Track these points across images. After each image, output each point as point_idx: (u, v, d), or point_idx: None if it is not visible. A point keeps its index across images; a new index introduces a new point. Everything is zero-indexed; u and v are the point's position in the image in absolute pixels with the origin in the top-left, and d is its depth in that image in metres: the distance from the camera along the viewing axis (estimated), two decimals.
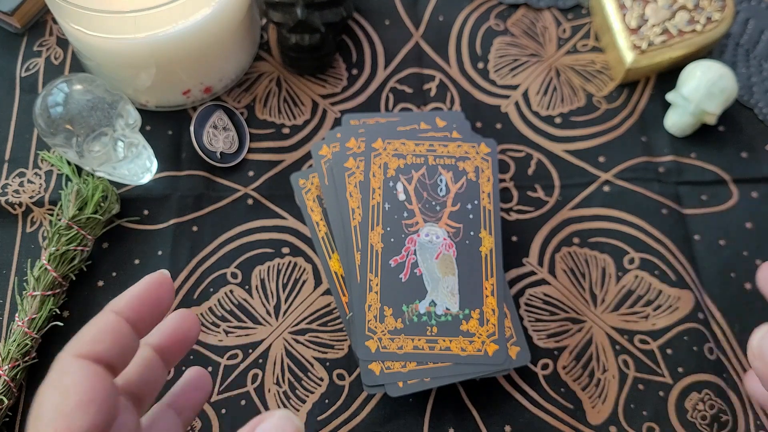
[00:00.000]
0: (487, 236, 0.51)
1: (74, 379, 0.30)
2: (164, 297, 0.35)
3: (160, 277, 0.35)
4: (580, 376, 0.52)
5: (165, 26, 0.51)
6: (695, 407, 0.50)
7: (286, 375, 0.51)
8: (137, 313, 0.33)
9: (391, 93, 0.62)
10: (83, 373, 0.30)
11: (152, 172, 0.57)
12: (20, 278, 0.54)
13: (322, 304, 0.54)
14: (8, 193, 0.56)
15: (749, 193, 0.58)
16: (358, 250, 0.50)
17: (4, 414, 0.48)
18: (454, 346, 0.47)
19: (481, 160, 0.54)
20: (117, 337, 0.32)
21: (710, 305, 0.54)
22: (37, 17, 0.64)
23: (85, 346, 0.31)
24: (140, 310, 0.33)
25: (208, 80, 0.58)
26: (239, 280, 0.54)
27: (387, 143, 0.53)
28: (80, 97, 0.51)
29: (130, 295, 0.33)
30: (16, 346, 0.49)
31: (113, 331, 0.32)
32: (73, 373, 0.30)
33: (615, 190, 0.58)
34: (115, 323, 0.32)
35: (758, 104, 0.60)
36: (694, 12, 0.60)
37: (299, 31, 0.57)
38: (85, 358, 0.31)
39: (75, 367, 0.30)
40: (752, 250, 0.56)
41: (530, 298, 0.54)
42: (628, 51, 0.59)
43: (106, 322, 0.32)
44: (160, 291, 0.34)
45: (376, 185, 0.52)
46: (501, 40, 0.64)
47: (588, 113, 0.61)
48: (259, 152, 0.59)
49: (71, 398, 0.29)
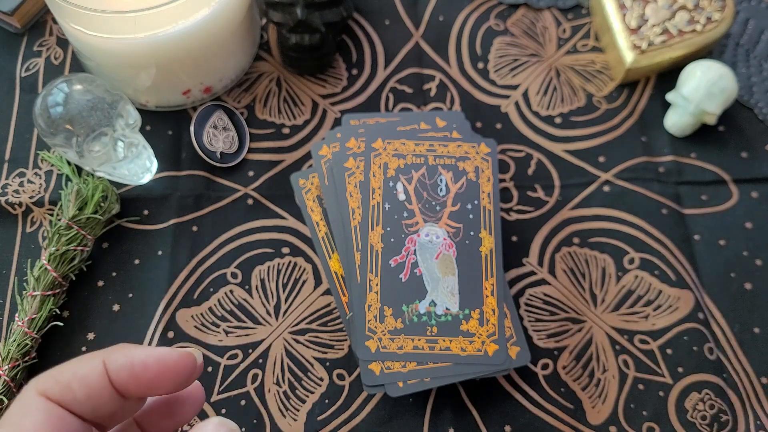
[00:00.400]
0: (487, 236, 0.51)
1: (34, 423, 0.27)
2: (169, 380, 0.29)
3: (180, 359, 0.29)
4: (580, 376, 0.52)
5: (165, 26, 0.51)
6: (695, 407, 0.50)
7: (286, 375, 0.51)
8: (128, 381, 0.28)
9: (391, 93, 0.62)
10: (47, 418, 0.27)
11: (152, 172, 0.57)
12: (20, 278, 0.54)
13: (322, 304, 0.54)
14: (8, 193, 0.56)
15: (749, 193, 0.58)
16: (358, 250, 0.50)
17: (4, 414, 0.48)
18: (454, 346, 0.47)
19: (481, 160, 0.54)
20: (92, 392, 0.28)
21: (710, 305, 0.54)
22: (37, 17, 0.64)
23: (56, 389, 0.28)
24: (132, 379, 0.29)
25: (208, 80, 0.58)
26: (239, 280, 0.54)
27: (387, 143, 0.53)
28: (80, 97, 0.51)
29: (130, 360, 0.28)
30: (16, 346, 0.49)
31: (90, 386, 0.28)
32: (35, 413, 0.27)
33: (615, 190, 0.58)
34: (98, 379, 0.28)
35: (758, 104, 0.60)
36: (694, 12, 0.60)
37: (299, 31, 0.57)
38: (51, 401, 0.27)
39: (37, 407, 0.27)
40: (752, 250, 0.56)
41: (530, 298, 0.54)
42: (628, 51, 0.59)
43: (89, 371, 0.28)
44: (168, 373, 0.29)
45: (376, 185, 0.52)
46: (501, 40, 0.64)
47: (588, 113, 0.61)
48: (259, 152, 0.59)
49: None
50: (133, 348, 0.29)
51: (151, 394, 0.29)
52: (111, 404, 0.28)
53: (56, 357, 0.51)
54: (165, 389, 0.29)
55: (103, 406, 0.28)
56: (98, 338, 0.52)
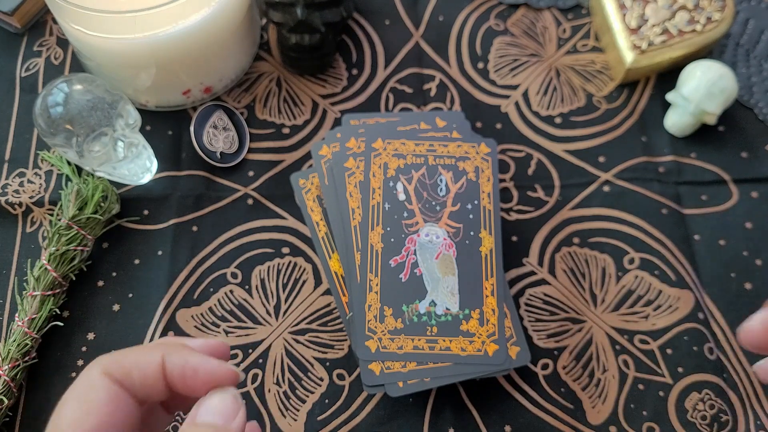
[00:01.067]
0: (487, 236, 0.51)
1: (99, 397, 0.31)
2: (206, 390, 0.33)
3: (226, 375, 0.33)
4: (580, 376, 0.52)
5: (165, 26, 0.51)
6: (695, 407, 0.50)
7: (286, 375, 0.51)
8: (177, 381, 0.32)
9: (391, 93, 0.61)
10: (109, 395, 0.31)
11: (152, 172, 0.57)
12: (20, 278, 0.54)
13: (322, 304, 0.54)
14: (8, 193, 0.56)
15: (749, 193, 0.58)
16: (358, 250, 0.50)
17: (4, 414, 0.48)
18: (454, 346, 0.47)
19: (481, 160, 0.54)
20: (147, 383, 0.32)
21: (710, 305, 0.54)
22: (37, 17, 0.64)
23: (119, 372, 0.31)
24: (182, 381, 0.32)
25: (208, 80, 0.58)
26: (239, 280, 0.54)
27: (387, 143, 0.53)
28: (80, 97, 0.51)
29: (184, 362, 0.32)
30: (16, 346, 0.49)
31: (147, 377, 0.32)
32: (99, 391, 0.31)
33: (615, 190, 0.58)
34: (154, 372, 0.32)
35: (758, 104, 0.60)
36: (694, 12, 0.60)
37: (299, 31, 0.57)
38: (114, 382, 0.31)
39: (102, 385, 0.31)
40: (752, 250, 0.56)
41: (530, 298, 0.54)
42: (628, 51, 0.59)
43: (148, 363, 0.32)
44: (209, 385, 0.33)
45: (376, 185, 0.52)
46: (501, 40, 0.64)
47: (588, 113, 0.61)
48: (259, 152, 0.59)
49: (92, 418, 0.30)
50: (190, 353, 0.33)
51: (194, 395, 0.33)
52: (160, 395, 0.32)
53: (56, 357, 0.51)
54: (206, 392, 0.33)
55: (154, 396, 0.32)
56: (98, 338, 0.52)
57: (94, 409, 0.30)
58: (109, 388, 0.31)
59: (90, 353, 0.52)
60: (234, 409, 0.32)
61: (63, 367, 0.51)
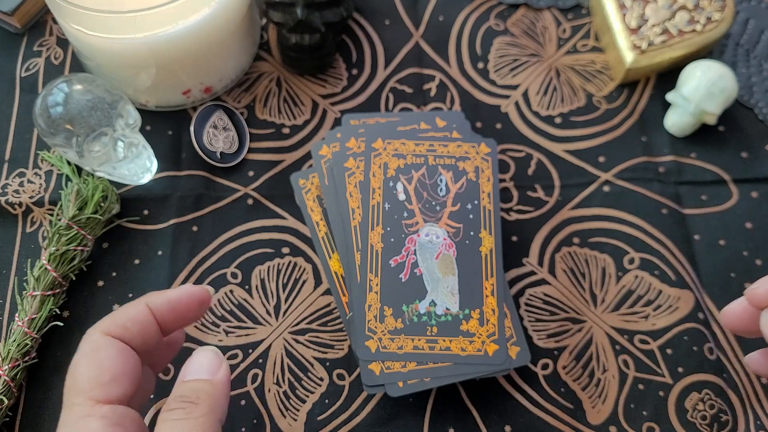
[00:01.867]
0: (487, 236, 0.51)
1: (108, 354, 0.34)
2: (196, 312, 0.39)
3: (203, 294, 0.39)
4: (580, 376, 0.52)
5: (165, 26, 0.51)
6: (695, 407, 0.50)
7: (286, 375, 0.51)
8: (167, 315, 0.37)
9: (391, 93, 0.62)
10: (115, 349, 0.35)
11: (152, 172, 0.57)
12: (20, 278, 0.54)
13: (322, 304, 0.54)
14: (8, 193, 0.56)
15: (749, 193, 0.58)
16: (358, 250, 0.50)
17: (4, 414, 0.48)
18: (454, 346, 0.47)
19: (481, 160, 0.54)
20: (143, 328, 0.36)
21: (710, 305, 0.54)
22: (37, 17, 0.64)
23: (116, 329, 0.35)
24: (171, 314, 0.37)
25: (208, 80, 0.58)
26: (239, 280, 0.54)
27: (387, 143, 0.53)
28: (80, 97, 0.51)
29: (167, 297, 0.37)
30: (16, 346, 0.49)
31: (141, 323, 0.36)
32: (106, 348, 0.34)
33: (615, 190, 0.58)
34: (146, 317, 0.36)
35: (758, 104, 0.60)
36: (694, 12, 0.60)
37: (299, 31, 0.57)
38: (116, 338, 0.35)
39: (107, 343, 0.35)
40: (752, 250, 0.56)
41: (530, 298, 0.54)
42: (628, 51, 0.59)
43: (137, 311, 0.36)
44: (196, 306, 0.38)
45: (376, 185, 0.52)
46: (501, 40, 0.64)
47: (588, 113, 0.61)
48: (259, 152, 0.59)
49: (107, 371, 0.34)
50: (166, 291, 0.38)
51: (183, 324, 0.39)
52: (155, 338, 0.37)
53: (56, 357, 0.51)
54: (193, 318, 0.39)
55: (150, 340, 0.37)
56: None
57: (107, 365, 0.34)
58: (113, 343, 0.35)
59: None
60: (216, 363, 0.36)
61: (63, 367, 0.51)
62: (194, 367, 0.36)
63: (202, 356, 0.36)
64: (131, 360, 0.35)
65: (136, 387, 0.35)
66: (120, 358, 0.34)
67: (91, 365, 0.34)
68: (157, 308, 0.37)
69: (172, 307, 0.37)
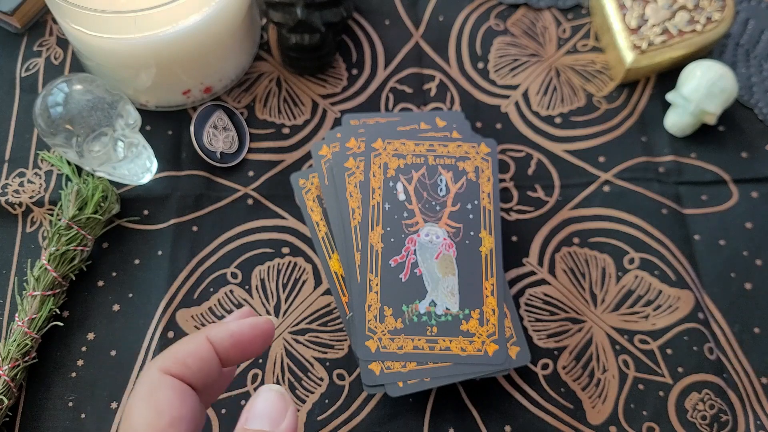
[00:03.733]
0: (487, 236, 0.51)
1: (167, 397, 0.32)
2: (260, 346, 0.36)
3: (267, 325, 0.36)
4: (580, 376, 0.52)
5: (165, 26, 0.51)
6: (695, 407, 0.50)
7: (286, 375, 0.51)
8: (230, 350, 0.35)
9: (391, 93, 0.62)
10: (175, 392, 0.32)
11: (152, 172, 0.57)
12: (20, 278, 0.54)
13: (322, 304, 0.54)
14: (8, 193, 0.56)
15: (749, 193, 0.58)
16: (358, 250, 0.50)
17: (4, 414, 0.48)
18: (454, 346, 0.47)
19: (481, 160, 0.54)
20: (204, 364, 0.34)
21: (710, 305, 0.54)
22: (37, 17, 0.64)
23: (176, 367, 0.33)
24: (234, 348, 0.35)
25: (208, 80, 0.58)
26: (239, 280, 0.54)
27: (387, 143, 0.53)
28: (80, 97, 0.51)
29: (229, 331, 0.35)
30: (16, 346, 0.49)
31: (202, 359, 0.34)
32: (164, 389, 0.32)
33: (615, 190, 0.58)
34: (207, 352, 0.34)
35: (758, 104, 0.60)
36: (694, 12, 0.60)
37: (299, 31, 0.57)
38: (175, 377, 0.33)
39: (166, 383, 0.33)
40: (752, 250, 0.56)
41: (530, 298, 0.54)
42: (628, 51, 0.59)
43: (198, 346, 0.34)
44: (260, 340, 0.36)
45: (376, 185, 0.52)
46: (501, 40, 0.64)
47: (588, 113, 0.61)
48: (259, 152, 0.59)
49: (165, 416, 0.31)
50: (227, 323, 0.35)
51: (246, 357, 0.36)
52: (215, 373, 0.34)
53: (56, 357, 0.51)
54: (256, 351, 0.36)
55: (211, 376, 0.34)
56: (98, 338, 0.52)
57: (165, 408, 0.32)
58: (172, 384, 0.33)
59: (90, 353, 0.52)
60: (281, 410, 0.33)
61: (63, 367, 0.51)
62: (257, 411, 0.33)
63: (266, 400, 0.34)
64: (190, 401, 0.33)
65: (196, 428, 0.33)
66: (178, 400, 0.32)
67: (148, 408, 0.32)
68: (218, 342, 0.35)
69: (234, 341, 0.35)
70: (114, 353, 0.52)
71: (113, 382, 0.51)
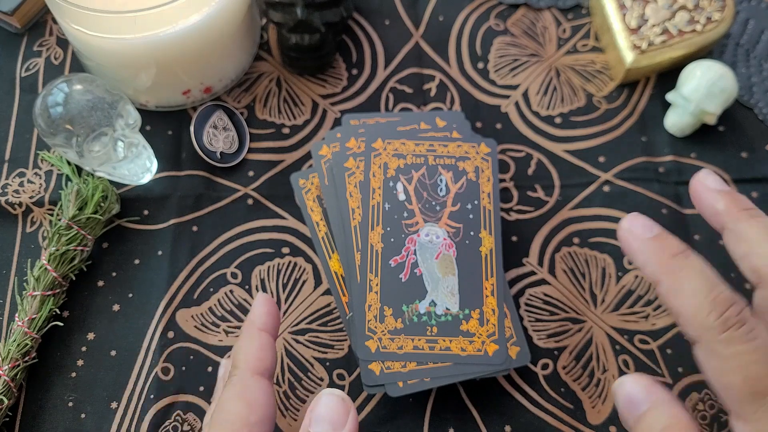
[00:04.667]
0: (487, 236, 0.51)
1: (258, 395, 0.36)
2: (277, 311, 0.41)
3: (268, 296, 0.41)
4: (580, 376, 0.52)
5: (165, 26, 0.51)
6: (695, 407, 0.50)
7: (286, 375, 0.51)
8: (271, 327, 0.40)
9: (391, 93, 0.62)
10: (264, 391, 0.37)
11: (152, 172, 0.57)
12: (20, 278, 0.54)
13: (322, 304, 0.54)
14: (8, 193, 0.56)
15: (749, 193, 0.58)
16: (358, 250, 0.50)
17: (4, 414, 0.48)
18: (454, 346, 0.47)
19: (481, 160, 0.54)
20: (273, 353, 0.39)
21: None
22: (37, 17, 0.64)
23: (260, 365, 0.37)
24: (272, 323, 0.40)
25: (208, 80, 0.58)
26: (239, 280, 0.54)
27: (387, 143, 0.53)
28: (80, 97, 0.51)
29: (262, 312, 0.40)
30: (16, 346, 0.49)
31: (271, 348, 0.39)
32: (256, 389, 0.36)
33: (615, 190, 0.58)
34: (269, 340, 0.39)
35: (758, 104, 0.60)
36: (694, 12, 0.60)
37: (299, 31, 0.57)
38: (262, 376, 0.37)
39: (258, 384, 0.37)
40: None
41: (530, 298, 0.54)
42: (628, 51, 0.59)
43: (262, 340, 0.38)
44: (275, 306, 0.41)
45: (376, 185, 0.52)
46: (501, 40, 0.64)
47: (588, 113, 0.61)
48: (259, 152, 0.59)
49: (257, 412, 0.35)
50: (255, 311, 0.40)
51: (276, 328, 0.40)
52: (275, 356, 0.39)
53: (56, 357, 0.51)
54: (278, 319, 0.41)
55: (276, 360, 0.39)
56: (98, 338, 0.52)
57: (255, 406, 0.36)
58: (262, 385, 0.37)
59: (90, 353, 0.52)
60: (342, 414, 0.35)
61: (63, 367, 0.51)
62: (320, 415, 0.35)
63: (328, 404, 0.35)
64: (273, 398, 0.37)
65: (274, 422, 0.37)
66: (267, 400, 0.36)
67: (241, 405, 0.35)
68: (266, 326, 0.39)
69: (270, 316, 0.40)
70: (114, 353, 0.52)
71: (113, 382, 0.51)
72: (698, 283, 0.35)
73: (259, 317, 0.39)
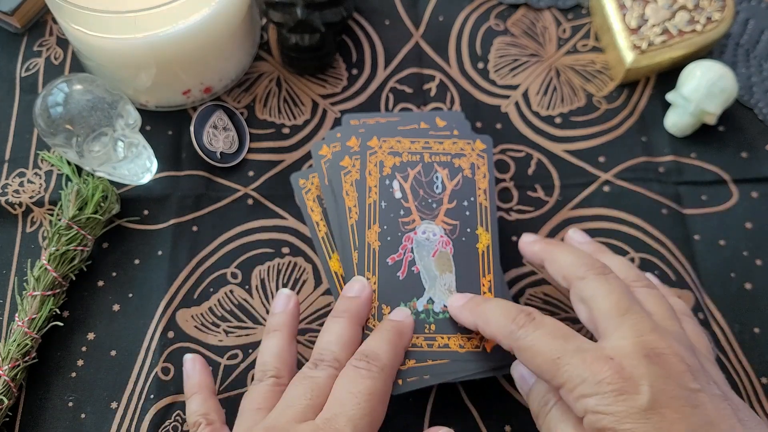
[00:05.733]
0: (484, 233, 0.51)
1: None
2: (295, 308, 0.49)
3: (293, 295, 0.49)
4: None
5: (165, 26, 0.51)
6: None
7: None
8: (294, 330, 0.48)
9: (391, 93, 0.62)
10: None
11: (152, 172, 0.57)
12: (20, 278, 0.54)
13: (322, 304, 0.54)
14: (8, 193, 0.57)
15: (749, 193, 0.57)
16: (355, 248, 0.50)
17: (4, 414, 0.48)
18: (452, 344, 0.47)
19: (476, 157, 0.53)
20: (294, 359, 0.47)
21: (710, 305, 0.54)
22: (37, 17, 0.64)
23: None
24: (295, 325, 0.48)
25: (208, 80, 0.59)
26: (239, 280, 0.54)
27: (383, 141, 0.53)
28: (80, 97, 0.51)
29: (287, 317, 0.47)
30: (16, 346, 0.49)
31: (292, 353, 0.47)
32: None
33: (615, 190, 0.58)
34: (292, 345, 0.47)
35: (758, 104, 0.60)
36: (694, 12, 0.60)
37: (299, 31, 0.57)
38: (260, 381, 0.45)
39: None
40: (752, 250, 0.55)
41: (530, 298, 0.54)
42: (628, 51, 0.59)
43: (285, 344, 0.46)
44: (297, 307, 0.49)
45: (372, 183, 0.52)
46: (501, 40, 0.64)
47: (588, 113, 0.61)
48: (259, 152, 0.59)
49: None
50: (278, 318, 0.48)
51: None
52: None
53: (56, 357, 0.51)
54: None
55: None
56: (98, 338, 0.52)
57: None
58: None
59: (90, 353, 0.52)
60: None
61: (63, 367, 0.51)
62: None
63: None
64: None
65: None
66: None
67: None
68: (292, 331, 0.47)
69: (295, 320, 0.48)
70: (114, 353, 0.52)
71: (113, 382, 0.51)
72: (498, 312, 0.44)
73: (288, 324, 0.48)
